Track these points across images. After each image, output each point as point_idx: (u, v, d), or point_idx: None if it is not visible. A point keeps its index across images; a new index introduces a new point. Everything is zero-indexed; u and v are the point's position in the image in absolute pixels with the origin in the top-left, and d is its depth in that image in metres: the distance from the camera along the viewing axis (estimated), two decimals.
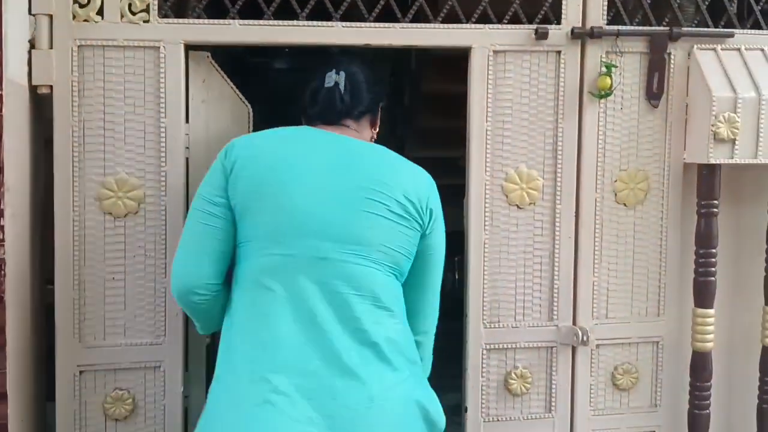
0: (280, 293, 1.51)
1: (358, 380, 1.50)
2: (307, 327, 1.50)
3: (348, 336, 1.52)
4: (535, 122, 2.09)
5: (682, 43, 2.13)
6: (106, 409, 1.90)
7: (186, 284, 1.54)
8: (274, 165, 1.54)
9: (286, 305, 1.50)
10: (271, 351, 1.49)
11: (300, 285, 1.51)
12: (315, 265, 1.52)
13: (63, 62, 1.82)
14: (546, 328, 2.12)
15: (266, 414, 1.45)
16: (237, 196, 1.54)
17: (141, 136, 1.87)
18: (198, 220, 1.56)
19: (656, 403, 2.22)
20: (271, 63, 4.47)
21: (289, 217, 1.52)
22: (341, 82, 1.69)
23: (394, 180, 1.59)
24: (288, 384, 1.46)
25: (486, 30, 2.04)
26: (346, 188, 1.55)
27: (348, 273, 1.53)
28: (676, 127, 2.16)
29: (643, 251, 2.17)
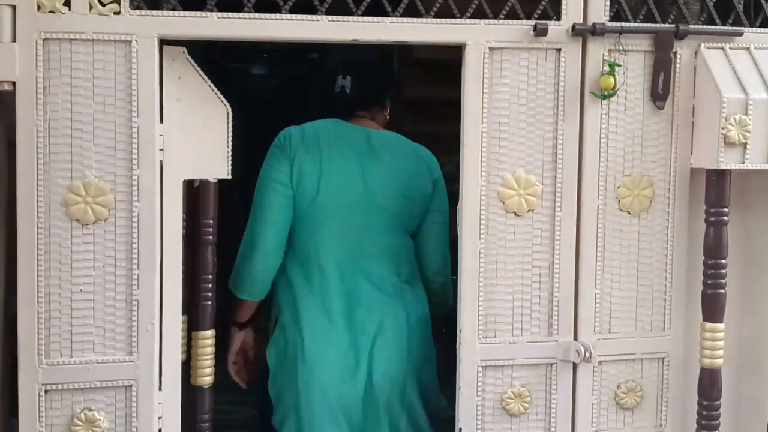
0: (332, 249, 2.07)
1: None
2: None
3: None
4: (534, 124, 1.98)
5: (688, 42, 2.03)
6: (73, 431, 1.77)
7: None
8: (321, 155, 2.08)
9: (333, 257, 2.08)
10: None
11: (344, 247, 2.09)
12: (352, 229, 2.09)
13: (26, 56, 1.69)
14: (545, 344, 2.01)
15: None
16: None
17: (111, 137, 1.75)
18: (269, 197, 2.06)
19: (662, 423, 2.10)
20: (249, 68, 4.40)
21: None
22: (347, 85, 2.14)
23: (404, 160, 2.15)
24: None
25: (481, 26, 1.93)
26: (366, 170, 2.08)
27: (375, 236, 2.11)
28: (682, 130, 2.05)
29: (648, 262, 2.06)
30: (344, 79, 2.15)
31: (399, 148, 2.18)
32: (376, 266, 2.13)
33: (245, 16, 1.80)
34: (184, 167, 1.85)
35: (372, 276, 2.12)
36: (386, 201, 2.12)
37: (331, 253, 2.09)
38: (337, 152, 2.09)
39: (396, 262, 2.17)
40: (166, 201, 1.81)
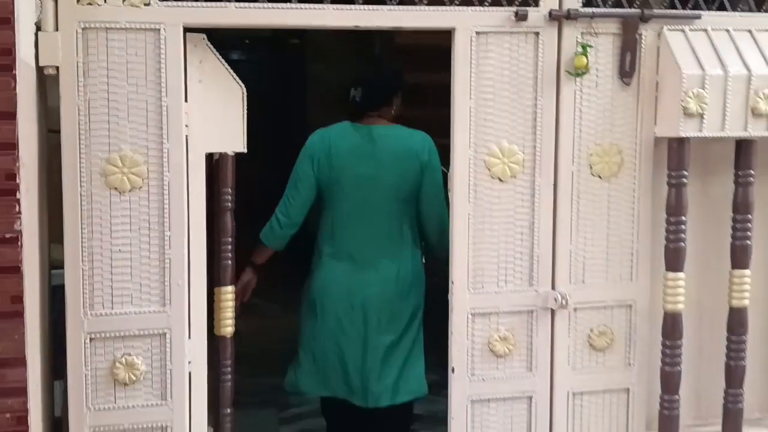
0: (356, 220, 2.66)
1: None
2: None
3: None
4: (516, 100, 2.24)
5: (652, 25, 2.29)
6: (115, 374, 2.02)
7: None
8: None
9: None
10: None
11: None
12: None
13: (68, 44, 1.92)
14: (527, 293, 2.30)
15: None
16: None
17: (143, 115, 1.99)
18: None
19: (630, 362, 2.41)
20: (228, 54, 4.68)
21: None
22: (357, 95, 2.70)
23: (401, 145, 2.66)
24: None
25: (468, 12, 2.18)
26: (368, 156, 2.64)
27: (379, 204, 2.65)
28: (647, 103, 2.33)
29: (617, 220, 2.35)
30: (356, 90, 2.72)
31: (393, 137, 2.69)
32: (381, 226, 2.67)
33: (260, 5, 2.03)
34: (206, 142, 2.08)
35: (377, 232, 2.67)
36: (384, 178, 2.64)
37: (346, 218, 2.68)
38: (348, 146, 2.66)
39: (396, 222, 2.68)
40: (191, 172, 2.05)
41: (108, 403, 2.03)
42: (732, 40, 2.33)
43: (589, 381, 2.37)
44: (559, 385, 2.35)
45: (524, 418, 2.34)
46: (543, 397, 2.35)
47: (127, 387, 2.03)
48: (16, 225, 1.75)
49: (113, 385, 2.02)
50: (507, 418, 2.33)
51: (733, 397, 2.43)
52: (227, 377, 2.19)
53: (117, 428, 2.04)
